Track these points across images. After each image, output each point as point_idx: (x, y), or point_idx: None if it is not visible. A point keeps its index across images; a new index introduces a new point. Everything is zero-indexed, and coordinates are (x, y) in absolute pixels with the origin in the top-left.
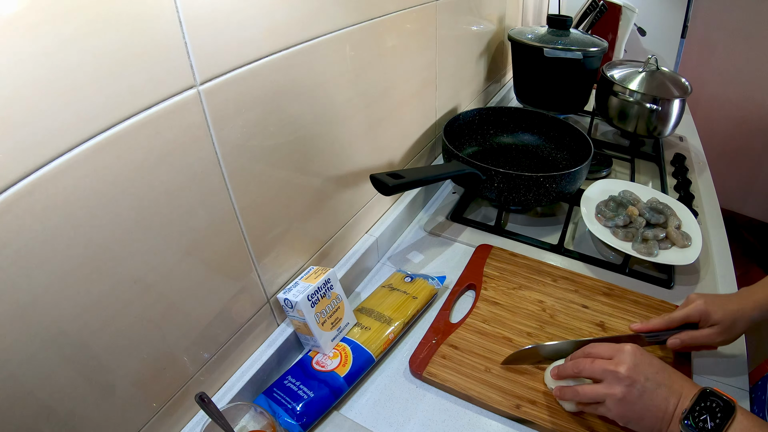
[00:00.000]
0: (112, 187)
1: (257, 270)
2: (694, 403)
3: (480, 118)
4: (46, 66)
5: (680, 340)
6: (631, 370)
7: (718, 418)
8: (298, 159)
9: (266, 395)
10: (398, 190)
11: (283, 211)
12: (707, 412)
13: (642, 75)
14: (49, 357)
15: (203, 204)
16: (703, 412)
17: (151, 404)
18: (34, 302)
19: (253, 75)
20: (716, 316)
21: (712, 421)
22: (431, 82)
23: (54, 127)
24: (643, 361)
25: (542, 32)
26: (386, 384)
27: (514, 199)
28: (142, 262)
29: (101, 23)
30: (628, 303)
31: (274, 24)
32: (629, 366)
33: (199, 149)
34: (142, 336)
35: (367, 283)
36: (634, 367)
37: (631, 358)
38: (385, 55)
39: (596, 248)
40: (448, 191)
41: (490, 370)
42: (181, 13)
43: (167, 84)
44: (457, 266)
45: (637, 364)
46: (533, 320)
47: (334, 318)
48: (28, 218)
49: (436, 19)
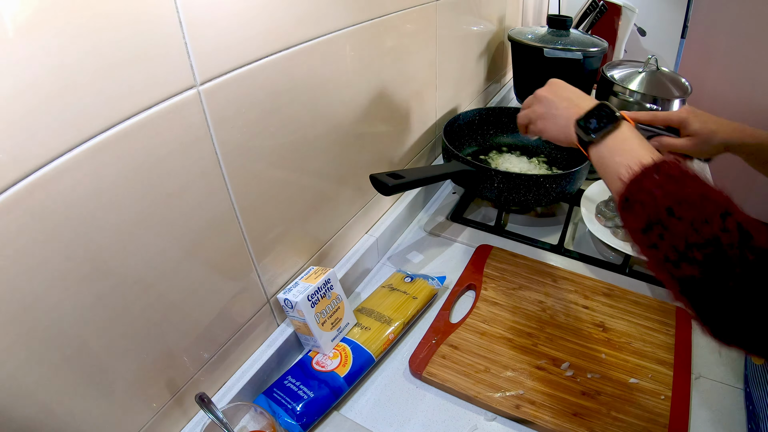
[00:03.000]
0: (112, 187)
1: (257, 270)
2: (589, 111)
3: (480, 118)
4: (47, 66)
5: (658, 143)
6: (545, 91)
7: (602, 122)
8: (298, 159)
9: (266, 395)
10: (398, 190)
11: (283, 211)
12: (595, 118)
13: (642, 75)
14: (49, 357)
15: (203, 204)
16: (592, 116)
17: (151, 404)
18: (35, 302)
19: (253, 75)
20: (694, 126)
21: (597, 123)
22: (431, 82)
23: (54, 127)
24: (559, 87)
25: (542, 32)
26: (386, 384)
27: (514, 199)
28: (142, 262)
29: (101, 23)
30: (628, 303)
31: (274, 24)
32: (544, 89)
33: (199, 149)
34: (142, 336)
35: (367, 284)
36: (548, 88)
37: (549, 86)
38: (385, 55)
39: (596, 248)
40: (448, 191)
41: (490, 370)
42: (181, 13)
43: (167, 84)
44: (457, 266)
45: (552, 89)
46: (533, 320)
47: (334, 318)
48: (28, 218)
49: (436, 19)
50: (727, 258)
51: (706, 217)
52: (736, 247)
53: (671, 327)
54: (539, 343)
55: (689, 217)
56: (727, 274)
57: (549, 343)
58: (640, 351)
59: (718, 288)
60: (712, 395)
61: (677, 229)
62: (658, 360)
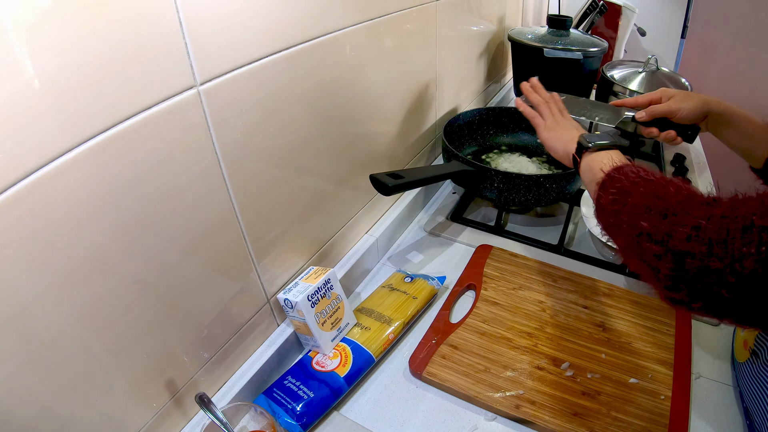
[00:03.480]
0: (112, 187)
1: (257, 270)
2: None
3: (480, 118)
4: (47, 66)
5: (645, 112)
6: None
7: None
8: (298, 159)
9: (266, 395)
10: (398, 190)
11: (283, 211)
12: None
13: (642, 75)
14: (49, 357)
15: (203, 204)
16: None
17: (151, 404)
18: (35, 302)
19: (253, 75)
20: (672, 91)
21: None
22: (431, 82)
23: (54, 127)
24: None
25: (542, 32)
26: (386, 384)
27: (514, 199)
28: (142, 262)
29: (101, 24)
30: (628, 303)
31: (274, 24)
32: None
33: (199, 149)
34: (141, 336)
35: (367, 284)
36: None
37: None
38: (385, 55)
39: (596, 248)
40: (448, 191)
41: (490, 370)
42: (181, 13)
43: (167, 84)
44: (457, 266)
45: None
46: (533, 320)
47: (334, 318)
48: (28, 218)
49: (436, 19)
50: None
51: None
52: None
53: (671, 327)
54: (539, 343)
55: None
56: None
57: (549, 343)
58: (640, 351)
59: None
60: (712, 395)
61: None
62: (658, 360)
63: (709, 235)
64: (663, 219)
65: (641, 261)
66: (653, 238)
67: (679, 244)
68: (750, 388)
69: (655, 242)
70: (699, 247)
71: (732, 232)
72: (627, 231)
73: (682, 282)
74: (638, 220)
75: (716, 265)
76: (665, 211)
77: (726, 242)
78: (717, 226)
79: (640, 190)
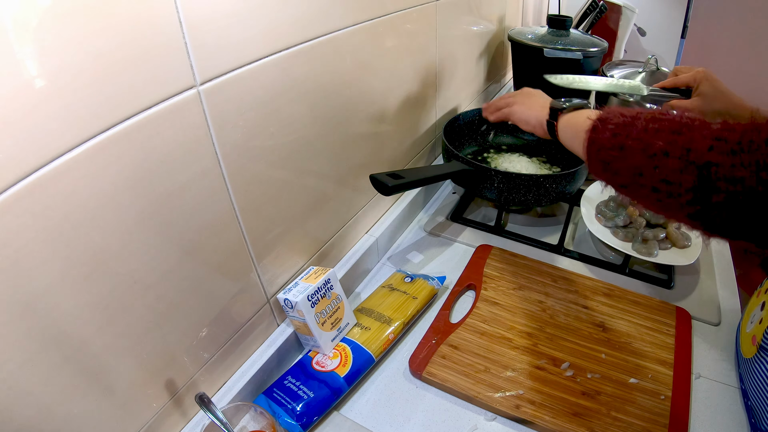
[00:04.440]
0: (112, 187)
1: (257, 270)
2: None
3: (480, 118)
4: (47, 66)
5: (669, 106)
6: (523, 90)
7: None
8: (298, 159)
9: (266, 395)
10: (398, 190)
11: (283, 211)
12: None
13: (642, 75)
14: (49, 357)
15: (203, 204)
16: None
17: (151, 404)
18: (34, 302)
19: (253, 75)
20: (704, 87)
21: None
22: (431, 82)
23: (54, 127)
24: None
25: (542, 32)
26: (386, 384)
27: (514, 199)
28: (142, 262)
29: (101, 24)
30: (628, 303)
31: (274, 24)
32: (521, 90)
33: (199, 149)
34: (141, 336)
35: (367, 284)
36: (525, 90)
37: (523, 90)
38: (384, 55)
39: (596, 248)
40: (448, 191)
41: (490, 370)
42: (181, 13)
43: (167, 84)
44: (457, 266)
45: (528, 91)
46: (533, 320)
47: (334, 318)
48: (28, 218)
49: (436, 19)
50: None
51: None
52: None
53: (671, 327)
54: (539, 343)
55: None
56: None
57: (549, 343)
58: (640, 351)
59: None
60: (712, 395)
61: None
62: (658, 360)
63: (732, 145)
64: (679, 135)
65: (658, 183)
66: (671, 154)
67: (700, 155)
68: (756, 385)
69: (674, 158)
70: (722, 158)
71: (756, 143)
72: (638, 157)
73: (705, 193)
74: (651, 140)
75: (741, 173)
76: (679, 129)
77: (751, 151)
78: (740, 136)
79: (641, 120)
